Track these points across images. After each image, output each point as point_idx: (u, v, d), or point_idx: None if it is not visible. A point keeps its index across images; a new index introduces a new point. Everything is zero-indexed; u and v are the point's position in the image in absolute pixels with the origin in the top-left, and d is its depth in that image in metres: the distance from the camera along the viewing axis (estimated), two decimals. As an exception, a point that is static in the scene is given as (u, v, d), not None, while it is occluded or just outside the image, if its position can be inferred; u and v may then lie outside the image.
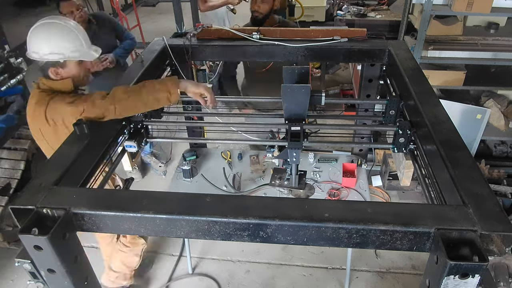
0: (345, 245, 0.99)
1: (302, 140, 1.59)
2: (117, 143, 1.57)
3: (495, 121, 3.56)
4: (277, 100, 1.71)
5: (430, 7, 2.98)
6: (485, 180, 1.07)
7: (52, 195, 1.06)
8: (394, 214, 0.97)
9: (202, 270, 2.99)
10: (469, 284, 0.87)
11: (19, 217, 1.03)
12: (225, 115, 2.30)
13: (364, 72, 2.08)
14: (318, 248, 3.05)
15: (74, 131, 1.32)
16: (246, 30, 2.04)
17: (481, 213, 0.95)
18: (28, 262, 1.03)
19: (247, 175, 2.45)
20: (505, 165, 3.52)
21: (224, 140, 1.95)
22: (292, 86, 1.50)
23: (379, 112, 1.95)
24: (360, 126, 2.31)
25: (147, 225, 1.03)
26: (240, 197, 2.06)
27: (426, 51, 3.20)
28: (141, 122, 1.65)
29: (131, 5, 7.55)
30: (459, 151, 1.19)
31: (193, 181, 2.42)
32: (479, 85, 3.53)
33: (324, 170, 2.44)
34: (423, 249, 0.96)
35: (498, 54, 3.17)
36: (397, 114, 1.73)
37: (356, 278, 2.89)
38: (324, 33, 1.99)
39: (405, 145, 1.57)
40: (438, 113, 1.38)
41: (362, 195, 2.27)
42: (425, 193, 1.33)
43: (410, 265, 2.97)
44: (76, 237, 1.07)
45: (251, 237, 1.01)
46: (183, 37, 2.07)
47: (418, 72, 1.67)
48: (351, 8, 4.37)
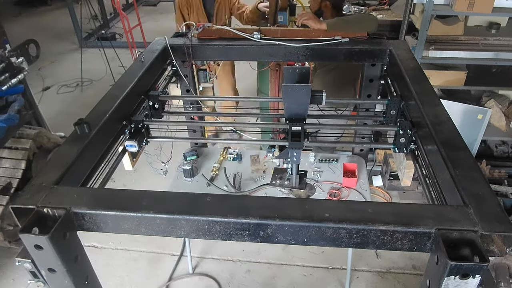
0: (346, 245, 0.99)
1: (303, 140, 1.59)
2: (118, 143, 1.57)
3: (496, 121, 3.56)
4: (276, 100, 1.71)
5: (431, 7, 2.98)
6: (486, 181, 1.07)
7: (53, 194, 1.06)
8: (394, 214, 0.97)
9: (203, 269, 3.00)
10: (470, 284, 0.87)
11: (20, 216, 1.03)
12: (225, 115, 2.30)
13: (365, 72, 2.08)
14: (319, 248, 3.05)
15: (74, 130, 1.33)
16: (247, 30, 2.04)
17: (482, 213, 0.95)
18: (29, 262, 1.03)
19: (248, 175, 2.45)
20: (506, 165, 3.52)
21: (224, 140, 1.94)
22: (293, 86, 1.50)
23: (380, 112, 1.95)
24: (361, 126, 2.31)
25: (147, 225, 1.03)
26: (240, 197, 2.06)
27: (427, 51, 3.20)
28: (141, 121, 1.65)
29: (132, 5, 7.56)
30: (460, 151, 1.19)
31: (193, 180, 2.42)
32: (480, 85, 3.53)
33: (324, 170, 2.44)
34: (423, 250, 0.96)
35: (499, 54, 3.16)
36: (398, 114, 1.73)
37: (356, 278, 2.89)
38: (325, 33, 1.99)
39: (406, 145, 1.57)
40: (439, 113, 1.38)
41: (363, 195, 2.27)
42: (425, 193, 1.33)
43: (410, 265, 2.97)
44: (76, 237, 1.07)
45: (251, 237, 1.01)
46: (184, 36, 2.07)
47: (419, 72, 1.67)
48: (352, 8, 4.36)
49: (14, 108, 3.02)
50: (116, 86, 1.66)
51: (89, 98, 5.23)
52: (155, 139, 1.77)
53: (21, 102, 3.08)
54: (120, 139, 1.59)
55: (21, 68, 3.02)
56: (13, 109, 3.02)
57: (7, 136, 2.96)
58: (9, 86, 2.93)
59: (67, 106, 5.24)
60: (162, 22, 8.03)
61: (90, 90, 5.63)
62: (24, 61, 3.02)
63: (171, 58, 2.04)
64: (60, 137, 3.40)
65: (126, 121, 1.61)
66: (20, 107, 3.05)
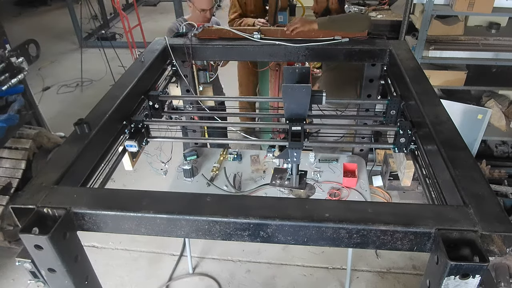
0: (346, 245, 0.99)
1: (303, 140, 1.59)
2: (118, 143, 1.57)
3: (496, 121, 3.56)
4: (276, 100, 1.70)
5: (431, 7, 2.98)
6: (486, 181, 1.07)
7: (53, 194, 1.06)
8: (394, 214, 0.97)
9: (203, 269, 3.00)
10: (470, 284, 0.87)
11: (20, 216, 1.03)
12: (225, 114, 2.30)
13: (365, 72, 2.08)
14: (319, 248, 3.05)
15: (74, 130, 1.33)
16: (247, 30, 2.04)
17: (482, 213, 0.95)
18: (29, 262, 1.03)
19: (248, 175, 2.45)
20: (506, 165, 3.52)
21: (224, 140, 1.94)
22: (293, 86, 1.50)
23: (380, 112, 1.95)
24: (361, 126, 2.31)
25: (147, 225, 1.03)
26: (240, 197, 2.06)
27: (427, 51, 3.20)
28: (141, 121, 1.65)
29: (132, 5, 7.56)
30: (460, 151, 1.19)
31: (193, 180, 2.42)
32: (480, 85, 3.53)
33: (324, 170, 2.44)
34: (423, 250, 0.96)
35: (499, 54, 3.16)
36: (398, 114, 1.73)
37: (356, 278, 2.89)
38: (325, 33, 1.99)
39: (406, 145, 1.57)
40: (439, 113, 1.38)
41: (363, 195, 2.27)
42: (425, 193, 1.33)
43: (410, 265, 2.97)
44: (76, 237, 1.07)
45: (251, 237, 1.01)
46: (184, 37, 2.08)
47: (419, 72, 1.67)
48: (352, 8, 4.36)
49: (14, 108, 3.02)
50: (116, 86, 1.66)
51: (89, 98, 5.24)
52: (155, 139, 1.77)
53: (21, 102, 3.08)
54: (120, 139, 1.59)
55: (21, 68, 3.02)
56: (13, 109, 3.02)
57: (7, 136, 2.96)
58: (9, 86, 2.93)
59: (67, 106, 5.24)
60: (162, 22, 8.03)
61: (90, 90, 5.63)
62: (24, 61, 3.02)
63: (171, 58, 2.04)
64: (60, 137, 3.40)
65: (126, 121, 1.61)
66: (20, 107, 3.05)
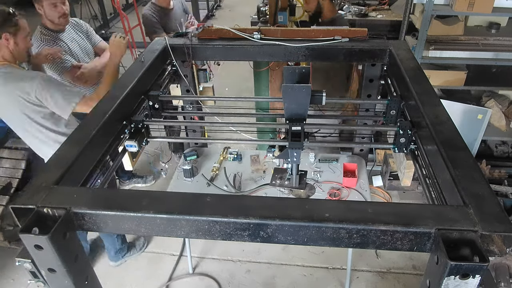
0: (346, 245, 0.99)
1: (303, 140, 1.59)
2: (118, 143, 1.57)
3: (496, 121, 3.56)
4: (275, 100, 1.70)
5: (431, 7, 2.98)
6: (486, 181, 1.07)
7: (53, 194, 1.06)
8: (394, 214, 0.97)
9: (203, 269, 3.00)
10: (470, 284, 0.87)
11: (20, 216, 1.03)
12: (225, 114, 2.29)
13: (365, 72, 2.08)
14: (319, 248, 3.05)
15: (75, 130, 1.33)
16: (247, 30, 2.04)
17: (482, 213, 0.95)
18: (29, 262, 1.03)
19: (248, 175, 2.45)
20: (506, 165, 3.52)
21: (224, 140, 1.94)
22: (293, 86, 1.50)
23: (380, 112, 1.95)
24: (361, 126, 2.31)
25: (147, 225, 1.03)
26: (240, 197, 2.06)
27: (427, 51, 3.20)
28: (141, 121, 1.65)
29: (132, 5, 7.55)
30: (460, 151, 1.18)
31: (193, 180, 2.42)
32: (480, 85, 3.53)
33: (324, 170, 2.44)
34: (423, 250, 0.96)
35: (499, 54, 3.17)
36: (398, 114, 1.73)
37: (356, 278, 2.89)
38: (325, 33, 1.99)
39: (406, 145, 1.57)
40: (439, 113, 1.37)
41: (363, 195, 2.27)
42: (425, 193, 1.33)
43: (410, 265, 2.97)
44: (76, 237, 1.07)
45: (251, 237, 1.01)
46: (184, 37, 2.08)
47: (419, 72, 1.67)
48: (352, 8, 4.36)
49: (14, 108, 3.01)
50: (116, 86, 1.67)
51: (89, 98, 5.22)
52: (155, 139, 1.77)
53: (21, 102, 3.07)
54: (120, 139, 1.59)
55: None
56: (13, 109, 3.00)
57: (7, 136, 2.97)
58: (9, 86, 2.91)
59: (67, 106, 5.23)
60: (162, 22, 8.02)
61: (90, 90, 5.62)
62: (24, 61, 3.01)
63: (171, 58, 2.04)
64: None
65: (126, 121, 1.61)
66: (20, 107, 3.04)
